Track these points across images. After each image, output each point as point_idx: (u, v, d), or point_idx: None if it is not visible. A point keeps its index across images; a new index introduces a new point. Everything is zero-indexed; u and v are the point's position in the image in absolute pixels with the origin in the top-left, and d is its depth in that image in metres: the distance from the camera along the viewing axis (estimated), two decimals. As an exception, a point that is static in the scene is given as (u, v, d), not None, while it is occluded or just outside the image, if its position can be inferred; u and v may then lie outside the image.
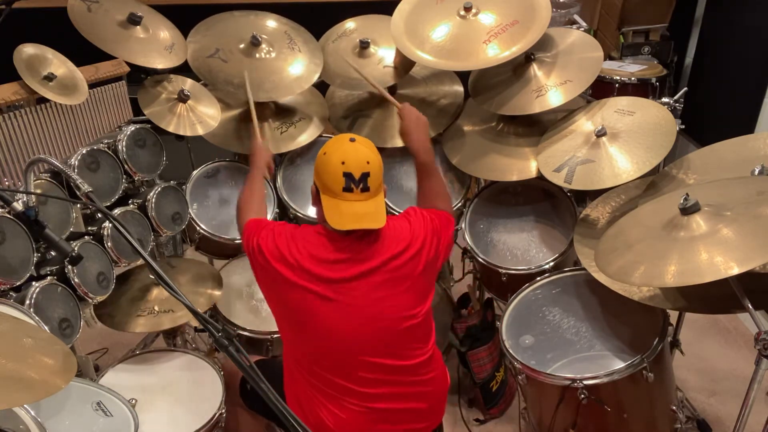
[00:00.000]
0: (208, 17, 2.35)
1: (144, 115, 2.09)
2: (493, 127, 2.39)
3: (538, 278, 2.08)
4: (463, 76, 2.50)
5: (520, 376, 1.83)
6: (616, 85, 3.07)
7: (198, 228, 2.27)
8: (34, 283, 1.53)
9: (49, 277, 1.59)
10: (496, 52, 2.15)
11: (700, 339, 2.73)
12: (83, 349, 2.16)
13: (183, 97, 2.17)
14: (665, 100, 2.12)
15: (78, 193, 1.31)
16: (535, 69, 2.23)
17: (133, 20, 2.07)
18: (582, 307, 1.94)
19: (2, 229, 1.45)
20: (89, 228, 1.84)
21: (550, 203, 2.32)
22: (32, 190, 1.51)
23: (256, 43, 2.31)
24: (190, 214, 2.22)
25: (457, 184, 2.44)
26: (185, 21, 2.32)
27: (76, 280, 1.63)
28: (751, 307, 1.43)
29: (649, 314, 1.79)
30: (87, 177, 1.82)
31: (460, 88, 2.55)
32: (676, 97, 2.16)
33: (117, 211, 1.90)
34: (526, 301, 2.03)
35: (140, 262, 2.00)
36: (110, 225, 1.81)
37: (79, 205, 1.78)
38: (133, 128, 2.01)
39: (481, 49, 2.17)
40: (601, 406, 1.70)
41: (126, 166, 1.95)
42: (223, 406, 1.73)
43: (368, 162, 1.45)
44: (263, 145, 2.00)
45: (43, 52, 1.84)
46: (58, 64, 1.85)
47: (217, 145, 2.34)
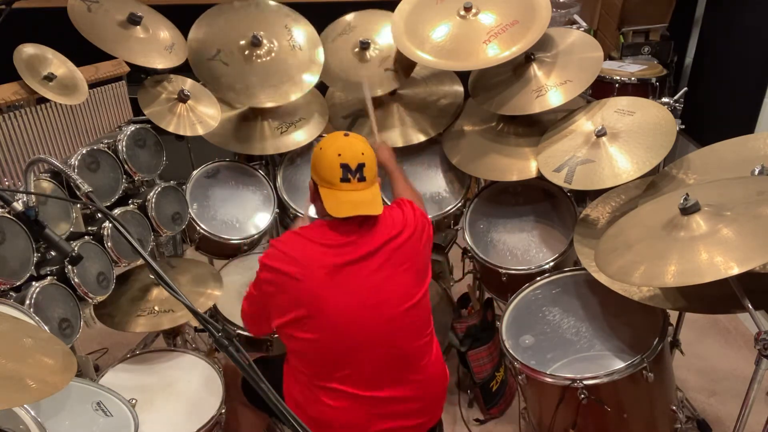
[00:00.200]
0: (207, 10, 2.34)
1: (144, 115, 2.09)
2: (493, 127, 2.39)
3: (538, 278, 2.08)
4: (463, 76, 2.50)
5: (520, 376, 1.83)
6: (616, 85, 3.07)
7: (198, 228, 2.27)
8: (34, 283, 1.53)
9: (49, 277, 1.59)
10: (496, 52, 2.15)
11: (700, 339, 2.73)
12: (83, 349, 2.16)
13: (183, 97, 2.17)
14: (665, 100, 2.12)
15: (78, 193, 1.31)
16: (535, 69, 2.23)
17: (133, 20, 2.08)
18: (582, 307, 1.94)
19: (2, 229, 1.45)
20: (89, 228, 1.84)
21: (550, 203, 2.32)
22: (32, 190, 1.51)
23: (256, 43, 2.31)
24: (190, 214, 2.22)
25: (457, 184, 2.44)
26: (185, 21, 2.32)
27: (76, 280, 1.63)
28: (751, 307, 1.43)
29: (649, 314, 1.79)
30: (87, 177, 1.82)
31: (460, 88, 2.55)
32: (676, 97, 2.16)
33: (117, 211, 1.89)
34: (526, 301, 2.03)
35: (140, 262, 2.00)
36: (110, 225, 1.81)
37: (79, 205, 1.78)
38: (133, 128, 2.01)
39: (481, 49, 2.17)
40: (601, 406, 1.70)
41: (126, 166, 1.95)
42: (223, 406, 1.73)
43: (363, 153, 1.52)
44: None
45: (43, 52, 1.84)
46: (58, 64, 1.85)
47: (217, 145, 2.34)
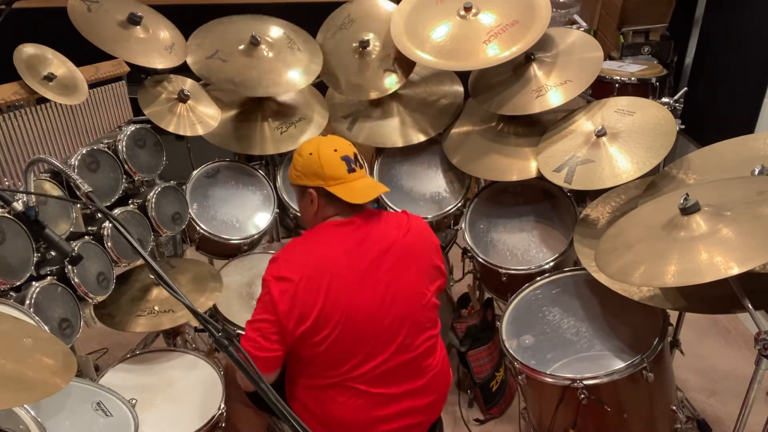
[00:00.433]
0: (208, 18, 2.35)
1: (144, 115, 2.09)
2: (493, 127, 2.39)
3: (538, 278, 2.07)
4: (463, 76, 2.50)
5: (520, 376, 1.82)
6: (616, 85, 3.07)
7: (198, 228, 2.27)
8: (34, 283, 1.52)
9: (49, 277, 1.58)
10: (496, 52, 2.15)
11: (700, 339, 2.73)
12: (83, 349, 2.16)
13: (183, 97, 2.17)
14: (665, 100, 2.12)
15: (78, 193, 1.31)
16: (535, 69, 2.23)
17: (133, 20, 2.08)
18: (582, 307, 1.94)
19: (2, 229, 1.45)
20: (89, 228, 1.84)
21: (550, 203, 2.32)
22: (32, 190, 1.51)
23: (255, 43, 2.31)
24: (190, 214, 2.22)
25: (457, 184, 2.44)
26: (185, 21, 2.32)
27: (76, 280, 1.63)
28: (751, 307, 1.43)
29: (649, 314, 1.79)
30: (87, 177, 1.82)
31: (460, 88, 2.55)
32: (676, 97, 2.16)
33: (117, 211, 1.89)
34: (526, 301, 2.03)
35: (140, 262, 2.00)
36: (110, 225, 1.81)
37: (79, 205, 1.78)
38: (133, 128, 2.01)
39: (481, 49, 2.17)
40: (601, 406, 1.70)
41: (126, 166, 1.95)
42: (223, 406, 1.73)
43: (349, 144, 1.58)
44: None
45: (43, 52, 1.84)
46: (58, 64, 1.85)
47: (217, 145, 2.34)
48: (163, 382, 1.82)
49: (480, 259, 2.28)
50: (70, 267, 1.62)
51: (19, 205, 1.27)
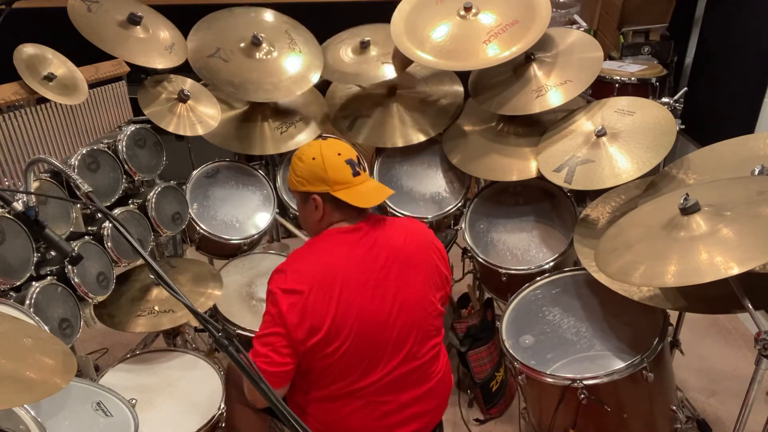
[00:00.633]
0: (208, 14, 2.34)
1: (144, 115, 2.09)
2: (493, 127, 2.39)
3: (538, 278, 2.08)
4: (463, 76, 2.50)
5: (520, 376, 1.83)
6: (616, 85, 3.07)
7: (198, 228, 2.27)
8: (34, 283, 1.52)
9: (49, 277, 1.59)
10: (496, 52, 2.15)
11: (700, 339, 2.73)
12: (83, 349, 2.16)
13: (183, 97, 2.17)
14: (665, 100, 2.12)
15: (78, 193, 1.31)
16: (535, 69, 2.23)
17: (133, 20, 2.07)
18: (582, 307, 1.94)
19: (2, 229, 1.45)
20: (89, 228, 1.84)
21: (550, 203, 2.32)
22: (32, 190, 1.51)
23: (257, 43, 2.31)
24: (190, 214, 2.22)
25: (457, 184, 2.44)
26: (185, 21, 2.32)
27: (76, 280, 1.63)
28: (751, 307, 1.43)
29: (649, 314, 1.79)
30: (87, 177, 1.82)
31: (460, 88, 2.55)
32: (676, 97, 2.16)
33: (117, 211, 1.89)
34: (526, 301, 2.03)
35: (140, 262, 2.00)
36: (110, 225, 1.81)
37: (79, 205, 1.78)
38: (133, 128, 2.01)
39: (481, 49, 2.17)
40: (601, 406, 1.70)
41: (126, 166, 1.95)
42: (223, 406, 1.73)
43: (350, 147, 1.55)
44: None
45: (43, 52, 1.84)
46: (58, 64, 1.85)
47: (217, 145, 2.34)
48: (163, 382, 1.82)
49: (480, 259, 2.28)
50: (70, 267, 1.62)
51: (19, 205, 1.27)
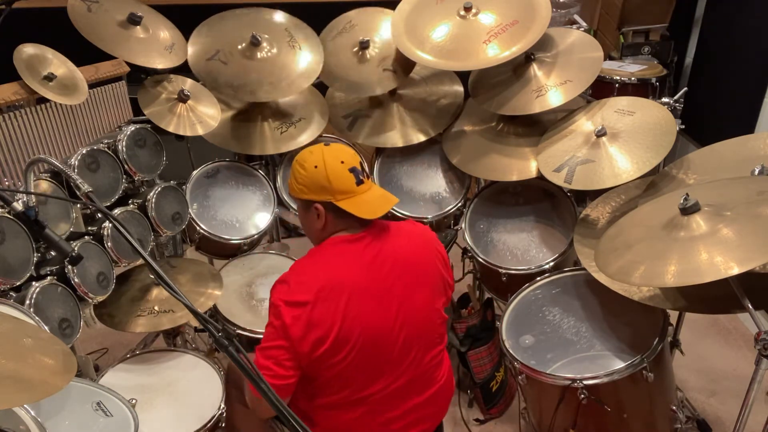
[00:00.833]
0: (208, 18, 2.34)
1: (144, 115, 2.09)
2: (493, 127, 2.39)
3: (538, 278, 2.08)
4: (463, 76, 2.50)
5: (520, 376, 1.83)
6: (616, 85, 3.07)
7: (198, 228, 2.27)
8: (34, 283, 1.52)
9: (49, 277, 1.59)
10: (496, 52, 2.15)
11: (700, 339, 2.73)
12: (83, 349, 2.16)
13: (183, 97, 2.17)
14: (665, 100, 2.12)
15: (78, 193, 1.31)
16: (535, 69, 2.23)
17: (133, 20, 2.08)
18: (582, 307, 1.94)
19: (2, 229, 1.45)
20: (89, 228, 1.84)
21: (550, 203, 2.32)
22: (32, 190, 1.51)
23: (256, 43, 2.31)
24: (190, 214, 2.22)
25: (457, 184, 2.44)
26: (185, 21, 2.32)
27: (76, 280, 1.63)
28: (751, 307, 1.43)
29: (649, 314, 1.79)
30: (87, 177, 1.82)
31: (460, 88, 2.55)
32: (676, 97, 2.16)
33: (117, 211, 1.89)
34: (526, 301, 2.03)
35: (140, 262, 2.00)
36: (110, 225, 1.81)
37: (79, 205, 1.78)
38: (133, 128, 2.01)
39: (481, 49, 2.17)
40: (601, 406, 1.70)
41: (126, 166, 1.95)
42: (223, 406, 1.73)
43: (354, 153, 1.50)
44: None
45: (43, 52, 1.84)
46: (58, 64, 1.85)
47: (217, 145, 2.34)
48: (163, 382, 1.82)
49: (480, 259, 2.28)
50: (70, 267, 1.62)
51: (19, 205, 1.27)
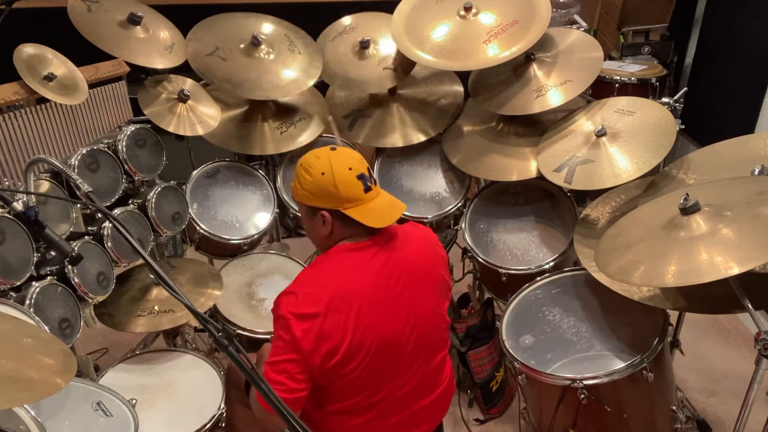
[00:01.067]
0: (207, 17, 2.35)
1: (144, 115, 2.09)
2: (493, 127, 2.39)
3: (538, 278, 2.08)
4: (463, 76, 2.50)
5: (520, 376, 1.83)
6: (616, 85, 3.07)
7: (198, 228, 2.27)
8: (34, 283, 1.53)
9: (49, 277, 1.59)
10: (496, 52, 2.15)
11: (700, 339, 2.73)
12: (83, 349, 2.16)
13: (183, 97, 2.17)
14: (665, 100, 2.12)
15: (78, 193, 1.31)
16: (535, 69, 2.23)
17: (133, 20, 2.08)
18: (582, 307, 1.94)
19: (2, 229, 1.45)
20: (89, 228, 1.84)
21: (550, 203, 2.32)
22: (32, 190, 1.51)
23: (256, 44, 2.31)
24: (190, 214, 2.22)
25: (457, 184, 2.44)
26: (185, 21, 2.32)
27: (76, 280, 1.63)
28: (751, 307, 1.43)
29: (649, 314, 1.79)
30: (87, 177, 1.82)
31: (460, 88, 2.55)
32: (676, 97, 2.16)
33: (117, 211, 1.89)
34: (526, 301, 2.03)
35: (140, 262, 2.00)
36: (110, 225, 1.81)
37: (79, 205, 1.78)
38: (133, 128, 2.01)
39: (481, 49, 2.17)
40: (601, 406, 1.70)
41: (126, 166, 1.95)
42: (223, 406, 1.73)
43: (361, 158, 1.45)
44: None
45: (43, 52, 1.84)
46: (58, 64, 1.85)
47: (217, 145, 2.34)
48: (163, 382, 1.82)
49: (480, 259, 2.28)
50: (70, 267, 1.62)
51: (19, 205, 1.26)
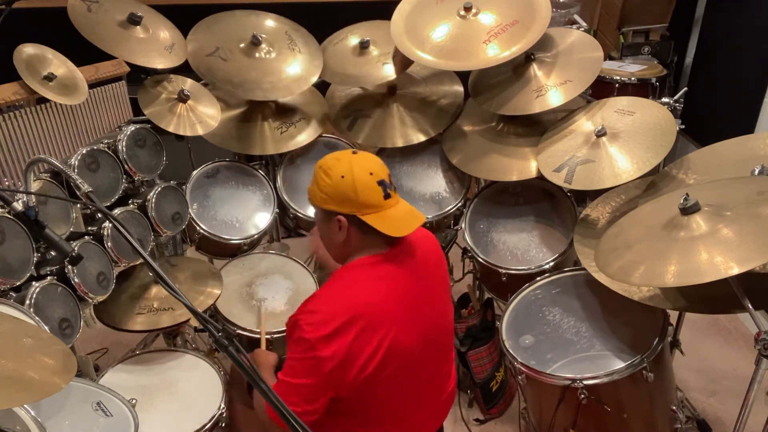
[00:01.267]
0: (207, 16, 2.35)
1: (144, 115, 2.09)
2: (493, 127, 2.39)
3: (538, 278, 2.08)
4: (463, 76, 2.50)
5: (520, 376, 1.83)
6: (616, 85, 3.07)
7: (198, 228, 2.27)
8: (34, 283, 1.53)
9: (49, 277, 1.59)
10: (496, 52, 2.15)
11: (700, 339, 2.73)
12: (83, 349, 2.16)
13: (183, 97, 2.17)
14: (665, 100, 2.13)
15: (78, 193, 1.31)
16: (535, 69, 2.23)
17: (133, 20, 2.08)
18: (582, 307, 1.94)
19: (2, 229, 1.45)
20: (89, 228, 1.84)
21: (550, 203, 2.32)
22: (32, 190, 1.51)
23: (256, 43, 2.31)
24: (190, 214, 2.22)
25: (457, 184, 2.44)
26: (185, 21, 2.32)
27: (76, 280, 1.63)
28: (751, 307, 1.43)
29: (649, 314, 1.79)
30: (87, 177, 1.82)
31: (460, 88, 2.55)
32: (676, 97, 2.16)
33: (117, 211, 1.89)
34: (526, 301, 2.03)
35: (140, 261, 2.00)
36: (110, 225, 1.81)
37: (79, 205, 1.78)
38: (133, 128, 2.01)
39: (481, 49, 2.17)
40: (601, 406, 1.70)
41: (126, 166, 1.95)
42: (223, 405, 1.73)
43: (382, 164, 1.42)
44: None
45: (43, 52, 1.84)
46: (58, 64, 1.85)
47: (217, 145, 2.35)
48: (163, 382, 1.82)
49: (480, 259, 2.28)
50: (70, 267, 1.62)
51: (19, 205, 1.26)
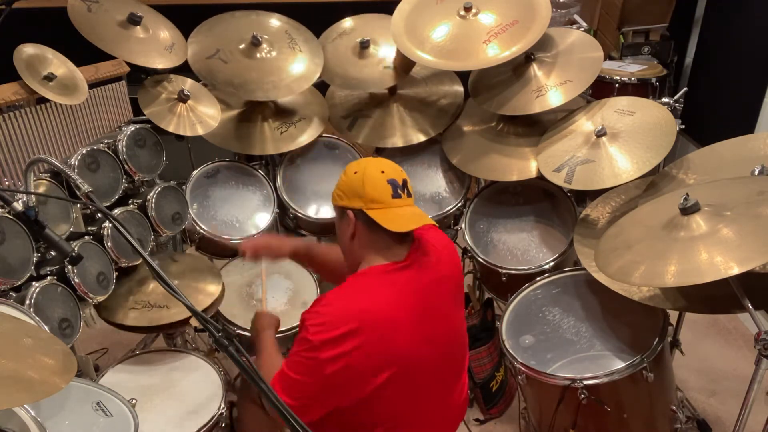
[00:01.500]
0: (208, 18, 2.35)
1: (144, 115, 2.09)
2: (493, 127, 2.39)
3: (538, 278, 2.08)
4: (463, 76, 2.50)
5: (520, 376, 1.83)
6: (616, 85, 3.07)
7: (198, 228, 2.27)
8: (34, 283, 1.52)
9: (49, 277, 1.59)
10: (496, 52, 2.15)
11: (700, 339, 2.73)
12: (83, 349, 2.16)
13: (183, 97, 2.17)
14: (665, 100, 2.13)
15: (78, 193, 1.31)
16: (535, 69, 2.23)
17: (133, 20, 2.08)
18: (582, 307, 1.94)
19: (2, 229, 1.45)
20: (89, 228, 1.84)
21: (550, 203, 2.32)
22: (32, 190, 1.51)
23: (256, 43, 2.31)
24: (190, 214, 2.22)
25: (457, 184, 2.44)
26: (185, 21, 2.32)
27: (76, 280, 1.63)
28: (751, 307, 1.43)
29: (649, 314, 1.79)
30: (87, 177, 1.82)
31: (460, 88, 2.55)
32: (676, 97, 2.16)
33: (117, 211, 1.89)
34: (526, 301, 2.03)
35: (140, 260, 2.00)
36: (110, 225, 1.81)
37: (79, 205, 1.78)
38: (133, 128, 2.01)
39: (481, 49, 2.17)
40: (601, 406, 1.70)
41: (126, 166, 1.95)
42: (223, 405, 1.73)
43: (399, 169, 1.43)
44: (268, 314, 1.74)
45: (43, 52, 1.84)
46: (58, 64, 1.85)
47: (217, 145, 2.35)
48: (163, 382, 1.82)
49: (480, 259, 2.28)
50: (70, 267, 1.62)
51: (19, 205, 1.26)
